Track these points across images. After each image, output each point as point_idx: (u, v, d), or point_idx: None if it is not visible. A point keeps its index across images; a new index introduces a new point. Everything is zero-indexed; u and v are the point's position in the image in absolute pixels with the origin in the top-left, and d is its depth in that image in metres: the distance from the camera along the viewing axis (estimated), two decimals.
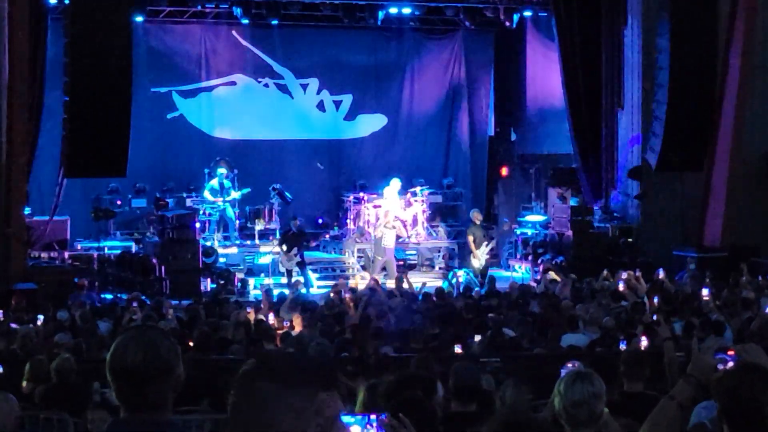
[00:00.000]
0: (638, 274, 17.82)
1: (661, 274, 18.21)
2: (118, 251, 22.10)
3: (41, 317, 14.30)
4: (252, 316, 14.28)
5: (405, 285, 18.27)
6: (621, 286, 16.66)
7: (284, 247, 21.75)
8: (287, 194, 24.62)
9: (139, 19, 23.40)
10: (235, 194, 24.28)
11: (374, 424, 3.32)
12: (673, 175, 22.09)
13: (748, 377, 3.94)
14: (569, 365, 6.97)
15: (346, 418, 3.30)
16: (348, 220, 25.54)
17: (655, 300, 15.28)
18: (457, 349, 11.81)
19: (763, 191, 22.28)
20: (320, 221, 26.65)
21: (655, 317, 12.87)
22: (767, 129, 22.47)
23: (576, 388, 4.89)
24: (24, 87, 19.51)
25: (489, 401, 7.68)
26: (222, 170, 24.47)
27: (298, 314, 14.55)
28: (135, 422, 3.21)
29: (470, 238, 22.42)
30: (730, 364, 4.48)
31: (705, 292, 15.40)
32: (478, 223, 22.85)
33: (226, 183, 24.38)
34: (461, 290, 19.24)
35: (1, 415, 6.16)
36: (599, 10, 23.88)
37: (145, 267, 20.94)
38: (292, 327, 14.01)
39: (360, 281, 20.70)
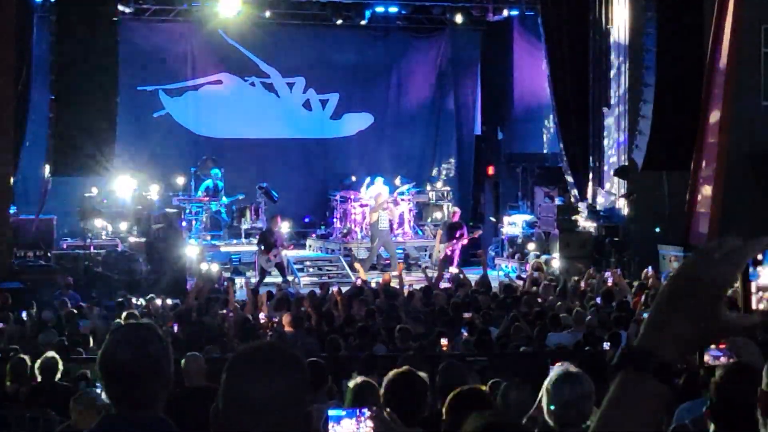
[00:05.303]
0: (619, 272, 17.74)
1: (649, 272, 18.22)
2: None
3: (24, 313, 14.25)
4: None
5: (395, 283, 18.19)
6: (609, 282, 16.62)
7: (262, 247, 21.68)
8: (274, 193, 24.60)
9: (126, 17, 23.28)
10: (225, 199, 24.40)
11: (365, 417, 3.32)
12: (659, 174, 22.10)
13: (738, 379, 3.93)
14: (558, 365, 6.94)
15: (337, 412, 3.29)
16: (335, 219, 25.51)
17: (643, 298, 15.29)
18: (444, 342, 11.81)
19: (750, 189, 22.32)
20: (307, 220, 26.60)
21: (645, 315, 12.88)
22: (754, 127, 22.52)
23: (565, 389, 4.86)
24: (10, 85, 19.42)
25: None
26: (218, 170, 24.64)
27: (285, 313, 14.52)
28: (125, 419, 3.21)
29: (439, 233, 22.95)
30: (722, 358, 4.47)
31: None
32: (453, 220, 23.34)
33: (220, 184, 24.43)
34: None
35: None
36: (586, 9, 23.91)
37: (131, 266, 20.84)
38: (279, 324, 13.98)
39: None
